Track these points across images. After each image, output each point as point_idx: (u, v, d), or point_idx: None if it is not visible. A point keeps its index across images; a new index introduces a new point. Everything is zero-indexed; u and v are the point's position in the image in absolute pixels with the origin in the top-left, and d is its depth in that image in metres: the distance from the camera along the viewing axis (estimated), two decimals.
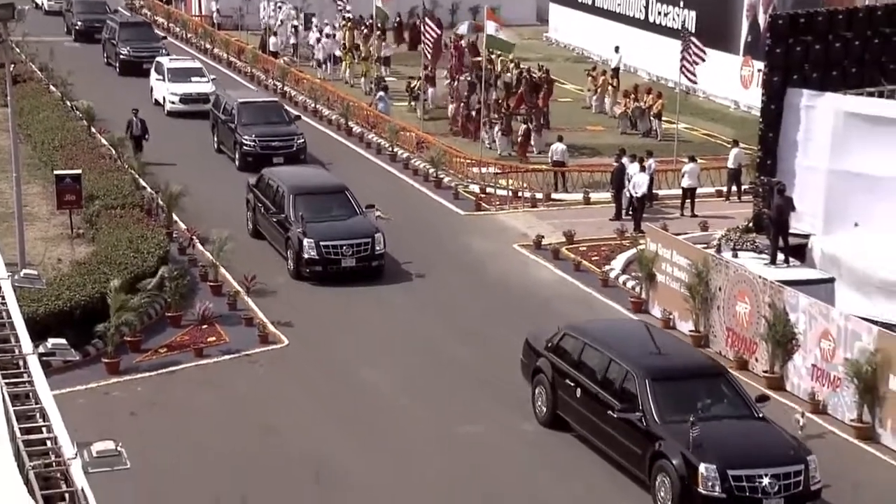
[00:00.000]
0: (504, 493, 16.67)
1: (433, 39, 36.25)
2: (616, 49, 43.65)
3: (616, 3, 47.25)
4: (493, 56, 37.69)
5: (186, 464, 17.16)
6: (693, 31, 36.49)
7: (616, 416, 16.41)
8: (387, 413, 19.07)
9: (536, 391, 18.54)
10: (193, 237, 26.39)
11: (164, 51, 43.22)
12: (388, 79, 41.89)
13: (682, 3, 42.27)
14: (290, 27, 48.29)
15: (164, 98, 37.93)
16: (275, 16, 48.32)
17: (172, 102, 37.61)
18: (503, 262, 26.17)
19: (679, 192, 29.93)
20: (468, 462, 17.49)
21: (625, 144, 32.30)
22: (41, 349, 11.32)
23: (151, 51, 42.77)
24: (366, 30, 45.74)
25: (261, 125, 32.17)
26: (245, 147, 31.72)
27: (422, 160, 33.07)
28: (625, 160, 29.21)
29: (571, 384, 17.63)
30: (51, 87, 39.24)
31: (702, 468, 15.17)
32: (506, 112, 35.50)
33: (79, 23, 50.49)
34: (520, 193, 30.71)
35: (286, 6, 48.98)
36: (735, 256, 22.84)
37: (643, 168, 28.82)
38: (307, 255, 23.93)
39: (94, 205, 26.17)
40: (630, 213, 28.60)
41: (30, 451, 9.24)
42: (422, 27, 38.86)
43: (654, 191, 29.75)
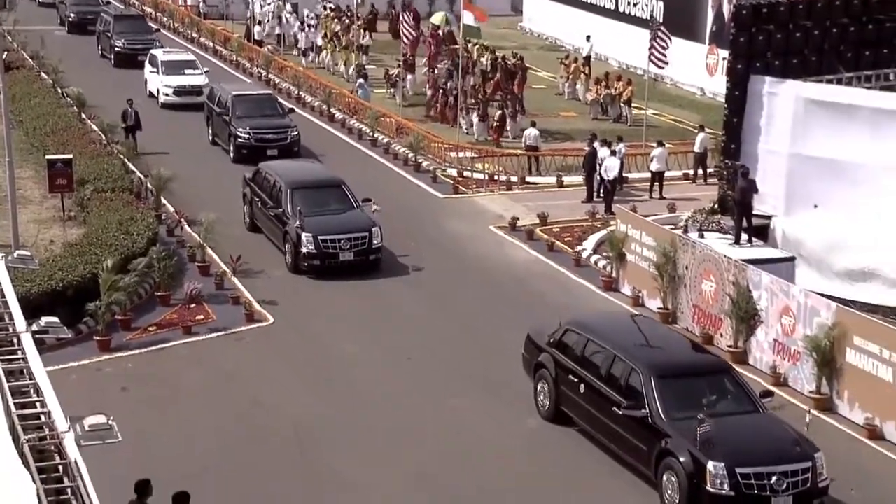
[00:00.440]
0: (472, 452, 16.73)
1: (411, 29, 36.11)
2: (587, 38, 43.67)
3: None
4: (470, 45, 37.63)
5: (175, 436, 17.13)
6: (661, 21, 36.57)
7: (621, 413, 15.72)
8: (369, 387, 19.07)
9: (539, 386, 17.77)
10: (181, 219, 26.29)
11: (158, 43, 42.62)
12: (368, 67, 41.74)
13: None
14: (275, 17, 48.01)
15: (159, 90, 37.34)
16: (263, 3, 48.02)
17: (166, 95, 37.02)
18: (480, 243, 26.18)
19: (648, 176, 29.98)
20: (455, 435, 17.53)
21: (596, 130, 32.34)
22: (34, 327, 11.29)
23: (146, 43, 42.14)
24: (347, 19, 45.55)
25: (255, 118, 31.47)
26: (240, 139, 31.08)
27: (401, 145, 32.99)
28: (596, 145, 29.22)
29: (575, 380, 16.91)
30: (42, 75, 38.91)
31: (710, 466, 14.50)
32: (482, 98, 35.49)
33: (72, 14, 49.93)
34: (496, 177, 30.70)
35: None
36: (701, 237, 22.93)
37: (614, 152, 28.85)
38: (305, 250, 23.20)
39: (85, 188, 26.06)
40: (601, 196, 28.65)
41: (24, 425, 9.23)
42: (400, 17, 38.74)
43: (625, 174, 29.78)
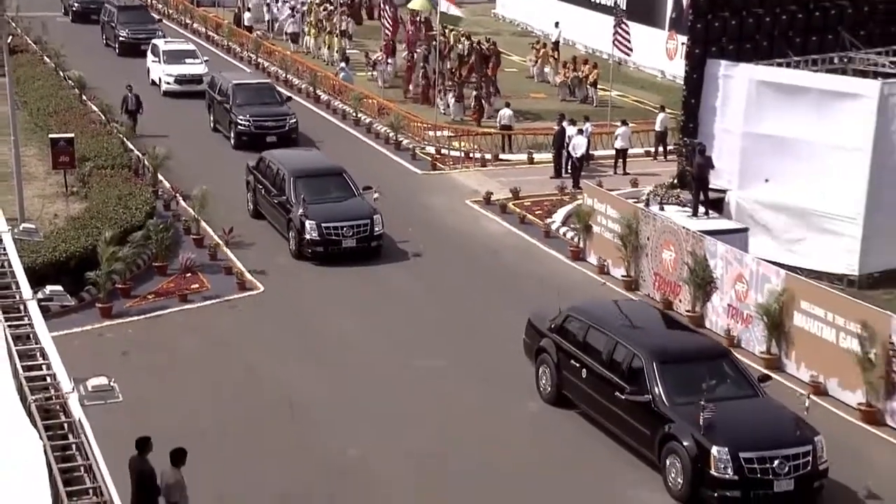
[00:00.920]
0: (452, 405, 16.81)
1: (391, 15, 35.89)
2: (556, 24, 43.55)
3: None
4: (447, 30, 37.50)
5: (173, 397, 17.13)
6: (624, 9, 36.51)
7: (624, 398, 15.18)
8: (355, 350, 19.12)
9: (540, 370, 17.17)
10: (177, 194, 26.17)
11: (161, 33, 41.87)
12: (351, 51, 41.53)
13: None
14: (264, 3, 47.59)
15: (160, 79, 36.62)
16: None
17: (168, 83, 36.28)
18: (456, 216, 26.19)
19: (612, 153, 30.01)
20: (429, 391, 17.61)
21: (564, 110, 32.31)
22: (40, 295, 11.27)
23: (148, 33, 41.44)
24: (330, 6, 45.23)
25: (255, 105, 30.69)
26: (240, 126, 30.30)
27: (382, 125, 32.88)
28: (564, 124, 29.23)
29: (577, 365, 16.35)
30: (45, 59, 38.48)
31: (714, 451, 13.97)
32: (458, 81, 35.41)
33: (75, 4, 49.15)
34: (471, 154, 30.68)
35: None
36: (661, 210, 22.97)
37: (581, 131, 28.87)
38: (309, 236, 22.53)
39: (87, 165, 25.93)
40: (569, 172, 28.68)
41: (31, 386, 9.23)
42: (380, 4, 38.49)
43: (591, 151, 29.81)
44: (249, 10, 47.06)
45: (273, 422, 16.51)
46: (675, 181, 24.90)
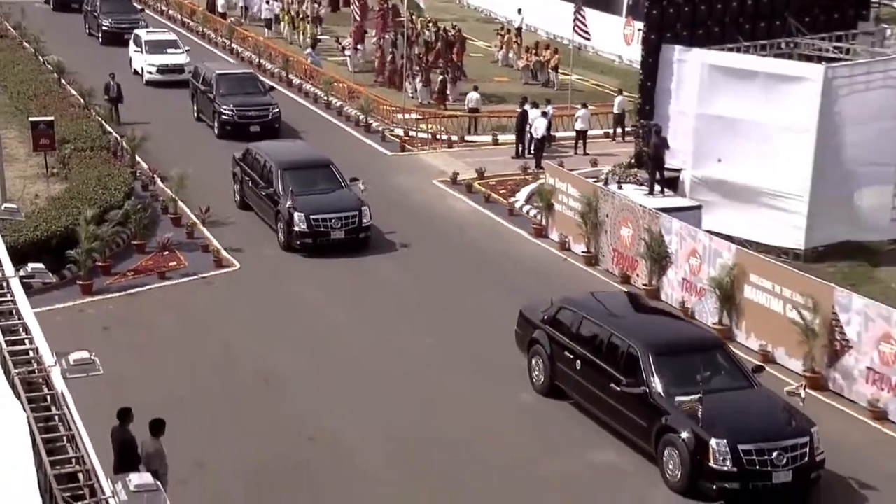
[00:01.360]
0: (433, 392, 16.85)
1: (360, 3, 35.63)
2: (519, 11, 43.49)
3: None
4: (414, 17, 37.34)
5: (153, 370, 17.06)
6: None
7: (620, 390, 14.63)
8: (326, 323, 19.10)
9: (533, 361, 16.61)
10: (155, 175, 25.95)
11: (144, 23, 40.99)
12: (323, 37, 41.21)
13: None
14: None
15: (143, 69, 35.77)
16: None
17: (150, 73, 35.42)
18: (425, 196, 26.17)
19: (573, 134, 30.06)
20: (403, 369, 17.64)
21: (527, 93, 32.28)
22: (22, 272, 11.15)
23: (131, 22, 40.47)
24: None
25: (238, 95, 29.86)
26: (224, 116, 29.46)
27: (353, 108, 32.73)
28: (527, 107, 29.23)
29: (570, 356, 15.78)
30: (24, 44, 37.88)
31: (713, 443, 13.50)
32: (425, 66, 35.28)
33: None
34: (438, 136, 30.62)
35: None
36: (620, 188, 23.10)
37: (544, 114, 28.90)
38: (298, 228, 21.81)
39: (66, 147, 25.64)
40: (532, 153, 28.72)
41: (15, 360, 9.17)
42: None
43: (552, 133, 29.85)
44: None
45: (249, 393, 16.48)
46: (633, 161, 25.01)
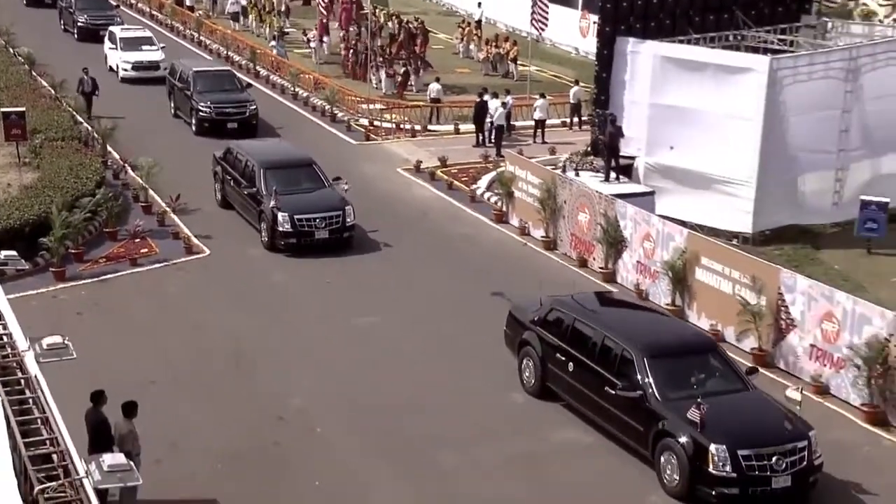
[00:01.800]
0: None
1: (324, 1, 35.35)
2: (479, 4, 43.38)
3: None
4: (377, 10, 37.19)
5: (125, 354, 16.88)
6: None
7: (615, 394, 14.01)
8: (294, 305, 19.01)
9: (524, 363, 15.93)
10: (125, 164, 25.64)
11: (119, 19, 39.97)
12: (290, 29, 40.84)
13: None
14: None
15: (118, 66, 34.83)
16: None
17: (125, 70, 34.47)
18: (390, 183, 26.09)
19: (532, 124, 30.08)
20: (369, 348, 17.60)
21: (487, 84, 32.27)
22: None
23: (107, 19, 39.42)
24: None
25: (216, 93, 29.00)
26: (201, 113, 28.57)
27: (319, 98, 32.52)
28: (486, 97, 29.22)
29: (563, 358, 15.11)
30: None
31: (712, 449, 12.91)
32: (389, 57, 35.12)
33: None
34: (402, 126, 30.52)
35: None
36: (577, 175, 23.17)
37: (503, 104, 28.90)
38: (282, 229, 20.92)
39: (38, 137, 25.28)
40: (492, 141, 28.72)
41: None
42: None
43: (512, 122, 29.86)
44: None
45: (219, 375, 16.37)
46: (589, 149, 25.09)
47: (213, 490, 13.31)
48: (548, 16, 32.33)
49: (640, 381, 13.84)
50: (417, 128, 30.52)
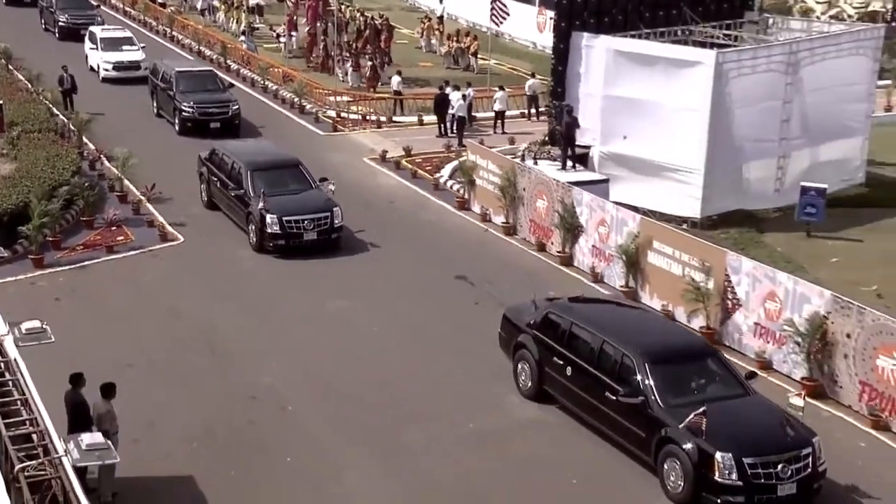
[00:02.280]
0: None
1: None
2: (440, 0, 43.26)
3: None
4: (343, 6, 36.99)
5: (102, 338, 16.72)
6: None
7: (616, 400, 13.34)
8: (267, 290, 18.92)
9: (519, 366, 15.19)
10: (101, 155, 25.32)
11: (100, 19, 39.05)
12: (259, 25, 40.46)
13: None
14: None
15: (99, 66, 33.93)
16: None
17: (106, 70, 33.58)
18: (356, 173, 26.00)
19: (492, 115, 30.11)
20: (337, 330, 17.57)
21: (449, 77, 32.24)
22: None
23: (87, 18, 38.51)
24: None
25: (198, 93, 28.17)
26: (184, 113, 27.73)
27: (287, 91, 32.31)
28: (448, 90, 29.19)
29: (560, 362, 14.40)
30: None
31: (718, 456, 12.26)
32: (355, 52, 34.96)
33: None
34: (367, 117, 30.40)
35: None
36: (535, 164, 23.23)
37: (464, 96, 28.89)
38: (270, 230, 20.16)
39: (15, 129, 24.89)
40: (454, 132, 28.71)
41: None
42: None
43: (473, 114, 29.85)
44: None
45: (195, 358, 16.27)
46: (547, 139, 25.15)
47: (189, 468, 13.24)
48: (507, 11, 32.34)
49: (641, 387, 13.18)
50: (383, 119, 30.43)
